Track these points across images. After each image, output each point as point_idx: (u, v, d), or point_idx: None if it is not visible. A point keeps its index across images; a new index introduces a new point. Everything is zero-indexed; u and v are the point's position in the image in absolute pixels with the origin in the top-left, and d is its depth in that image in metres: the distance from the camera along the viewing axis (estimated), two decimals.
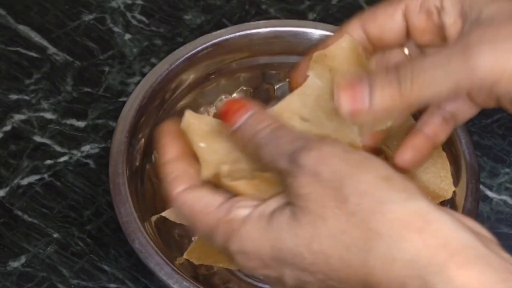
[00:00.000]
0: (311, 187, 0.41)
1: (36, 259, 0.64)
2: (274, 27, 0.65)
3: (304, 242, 0.41)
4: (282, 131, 0.44)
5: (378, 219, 0.39)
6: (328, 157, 0.41)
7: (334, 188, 0.40)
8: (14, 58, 0.74)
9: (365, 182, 0.40)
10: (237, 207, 0.44)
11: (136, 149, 0.61)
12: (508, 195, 0.69)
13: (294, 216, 0.42)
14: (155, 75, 0.63)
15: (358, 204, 0.40)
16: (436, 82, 0.44)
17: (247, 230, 0.43)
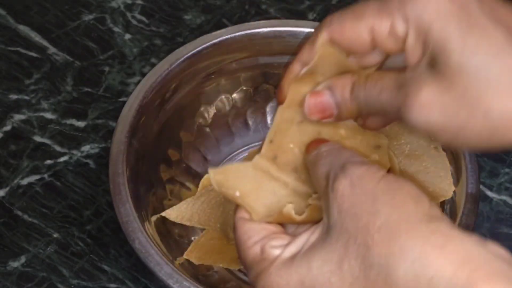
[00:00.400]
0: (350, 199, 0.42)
1: (36, 259, 0.64)
2: (274, 27, 0.65)
3: (335, 265, 0.42)
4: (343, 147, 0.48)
5: (402, 236, 0.40)
6: (369, 176, 0.43)
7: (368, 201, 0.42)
8: (14, 58, 0.74)
9: (397, 199, 0.42)
10: (269, 247, 0.45)
11: (136, 149, 0.61)
12: (508, 195, 0.69)
13: (329, 238, 0.43)
14: (155, 75, 0.63)
15: (386, 220, 0.41)
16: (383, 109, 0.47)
17: (276, 268, 0.44)
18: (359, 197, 0.42)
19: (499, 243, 0.67)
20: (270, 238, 0.46)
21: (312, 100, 0.49)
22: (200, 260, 0.61)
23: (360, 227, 0.41)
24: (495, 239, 0.67)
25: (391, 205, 0.41)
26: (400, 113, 0.45)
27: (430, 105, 0.44)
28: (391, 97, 0.46)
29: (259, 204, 0.48)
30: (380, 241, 0.40)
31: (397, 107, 0.45)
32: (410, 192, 0.42)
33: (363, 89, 0.48)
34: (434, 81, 0.44)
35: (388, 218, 0.41)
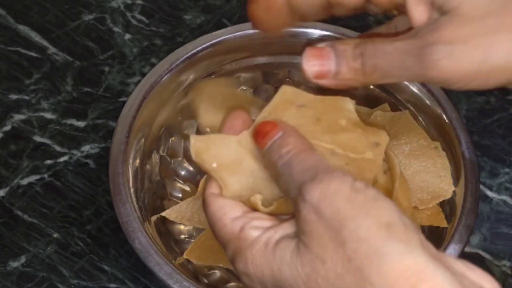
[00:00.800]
0: (313, 225, 0.41)
1: (36, 259, 0.64)
2: None
3: (302, 279, 0.41)
4: (299, 158, 0.44)
5: (373, 270, 0.38)
6: (333, 195, 0.41)
7: (334, 229, 0.40)
8: (14, 58, 0.74)
9: (365, 227, 0.39)
10: (249, 227, 0.44)
11: (136, 149, 0.61)
12: (508, 195, 0.69)
13: (297, 251, 0.42)
14: (155, 75, 0.63)
15: (355, 250, 0.39)
16: (394, 73, 0.45)
17: (252, 254, 0.43)
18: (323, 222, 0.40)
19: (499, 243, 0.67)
20: (251, 217, 0.45)
21: (311, 50, 0.47)
22: (200, 260, 0.61)
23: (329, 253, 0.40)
24: (495, 239, 0.67)
25: (358, 236, 0.39)
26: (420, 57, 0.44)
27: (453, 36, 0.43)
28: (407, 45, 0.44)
29: (234, 181, 0.47)
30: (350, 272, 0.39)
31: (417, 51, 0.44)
32: (379, 217, 0.40)
33: (371, 44, 0.46)
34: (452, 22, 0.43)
35: (356, 250, 0.39)
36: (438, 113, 0.62)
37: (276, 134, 0.46)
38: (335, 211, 0.40)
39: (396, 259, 0.38)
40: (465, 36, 0.43)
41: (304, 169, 0.43)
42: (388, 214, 0.40)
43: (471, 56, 0.43)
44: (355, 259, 0.39)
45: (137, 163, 0.61)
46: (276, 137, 0.45)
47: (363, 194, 0.41)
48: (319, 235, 0.40)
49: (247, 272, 0.44)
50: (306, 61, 0.47)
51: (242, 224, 0.45)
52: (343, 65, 0.46)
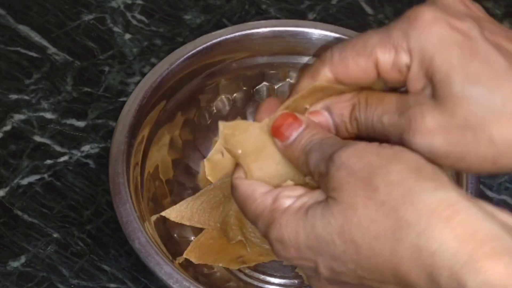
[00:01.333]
0: (344, 179, 0.42)
1: (36, 259, 0.64)
2: (274, 27, 0.65)
3: (336, 230, 0.42)
4: (328, 139, 0.46)
5: (407, 208, 0.40)
6: (361, 152, 0.43)
7: (365, 178, 0.42)
8: (14, 58, 0.74)
9: (395, 172, 0.41)
10: (281, 197, 0.45)
11: (136, 149, 0.61)
12: (508, 195, 0.69)
13: (327, 206, 0.43)
14: (155, 75, 0.63)
15: (388, 193, 0.41)
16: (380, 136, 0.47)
17: (286, 220, 0.44)
18: (354, 175, 0.42)
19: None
20: (281, 189, 0.46)
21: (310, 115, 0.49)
22: (200, 260, 0.61)
23: (361, 201, 0.41)
24: None
25: (389, 181, 0.41)
26: (402, 138, 0.45)
27: (434, 132, 0.44)
28: (393, 121, 0.46)
29: (257, 167, 0.48)
30: (385, 214, 0.40)
31: (400, 131, 0.45)
32: (408, 163, 0.42)
33: (363, 111, 0.48)
34: (437, 108, 0.44)
35: (390, 193, 0.41)
36: None
37: (300, 126, 0.47)
38: (365, 163, 0.42)
39: (429, 195, 0.40)
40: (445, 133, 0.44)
41: (334, 143, 0.45)
42: (416, 160, 0.43)
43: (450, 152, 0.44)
44: (388, 202, 0.40)
45: (137, 163, 0.61)
46: (301, 129, 0.47)
47: (389, 148, 0.43)
48: (351, 186, 0.42)
49: (282, 238, 0.44)
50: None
51: (274, 196, 0.46)
52: (343, 131, 0.49)
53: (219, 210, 0.61)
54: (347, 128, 0.48)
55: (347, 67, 0.48)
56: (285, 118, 0.48)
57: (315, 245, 0.43)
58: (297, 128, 0.47)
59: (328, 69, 0.49)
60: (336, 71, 0.48)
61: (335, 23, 0.64)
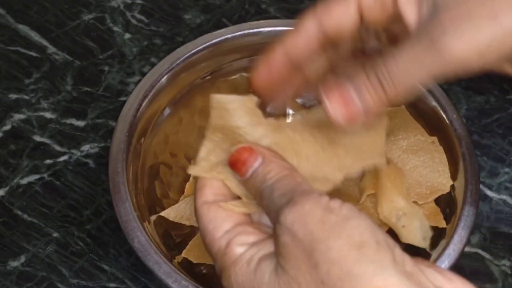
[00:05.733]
0: (288, 247, 0.41)
1: (36, 259, 0.64)
2: (274, 27, 0.65)
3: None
4: (279, 184, 0.44)
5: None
6: (306, 216, 0.41)
7: (307, 251, 0.40)
8: (13, 57, 0.74)
9: (336, 249, 0.40)
10: (234, 243, 0.45)
11: (136, 148, 0.61)
12: (508, 195, 0.69)
13: (275, 273, 0.42)
14: (155, 74, 0.63)
15: (327, 272, 0.39)
16: (414, 77, 0.44)
17: (235, 272, 0.44)
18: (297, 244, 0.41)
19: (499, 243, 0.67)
20: (237, 232, 0.45)
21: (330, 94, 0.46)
22: (199, 259, 0.61)
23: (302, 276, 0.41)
24: (495, 239, 0.67)
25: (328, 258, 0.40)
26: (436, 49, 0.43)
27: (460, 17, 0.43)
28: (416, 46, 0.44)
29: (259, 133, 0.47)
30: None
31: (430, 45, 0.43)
32: (351, 237, 0.40)
33: (382, 63, 0.45)
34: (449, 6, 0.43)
35: (329, 272, 0.39)
36: (439, 113, 0.62)
37: (255, 161, 0.46)
38: (307, 233, 0.41)
39: (367, 280, 0.38)
40: (467, 12, 0.43)
41: (283, 193, 0.43)
42: (359, 233, 0.40)
43: (481, 28, 0.43)
44: (328, 282, 0.39)
45: (137, 162, 0.61)
46: (256, 165, 0.46)
47: (336, 214, 0.41)
48: (294, 257, 0.41)
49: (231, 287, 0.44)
50: (331, 109, 0.45)
51: (228, 239, 0.45)
52: (367, 97, 0.45)
53: None
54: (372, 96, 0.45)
55: (330, 11, 0.48)
56: (240, 153, 0.46)
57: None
58: (252, 164, 0.46)
59: (311, 18, 0.48)
60: (319, 19, 0.48)
61: None
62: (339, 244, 0.40)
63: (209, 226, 0.46)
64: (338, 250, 0.39)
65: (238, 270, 0.44)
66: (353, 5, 0.48)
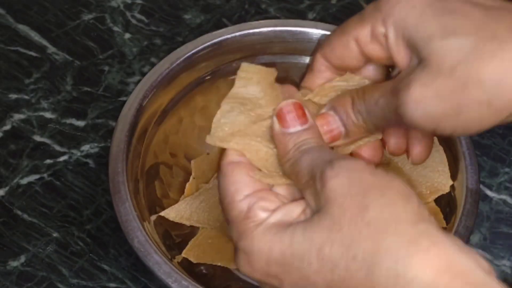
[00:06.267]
0: (339, 189, 0.42)
1: (36, 259, 0.64)
2: (274, 27, 0.65)
3: (316, 247, 0.42)
4: (327, 147, 0.47)
5: (390, 234, 0.40)
6: (360, 167, 0.43)
7: (359, 193, 0.42)
8: (13, 57, 0.74)
9: (388, 196, 0.41)
10: (257, 207, 0.45)
11: (136, 148, 0.61)
12: (508, 195, 0.69)
13: (311, 222, 0.42)
14: (155, 74, 0.63)
15: (376, 215, 0.41)
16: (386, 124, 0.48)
17: (260, 233, 0.44)
18: (348, 189, 0.42)
19: (499, 243, 0.67)
20: (259, 197, 0.45)
21: (319, 122, 0.49)
22: (199, 259, 0.61)
23: (348, 218, 0.41)
24: (495, 239, 0.67)
25: (381, 202, 0.41)
26: (399, 115, 0.45)
27: (423, 96, 0.44)
28: (388, 101, 0.46)
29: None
30: (368, 236, 0.40)
31: (395, 110, 0.46)
32: (400, 190, 0.42)
33: (362, 102, 0.48)
34: (423, 72, 0.44)
35: (378, 215, 0.41)
36: None
37: (305, 123, 0.47)
38: (362, 179, 0.42)
39: (412, 225, 0.40)
40: (435, 93, 0.44)
41: (333, 152, 0.46)
42: (406, 189, 0.43)
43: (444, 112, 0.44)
44: (374, 224, 0.40)
45: (137, 162, 0.61)
46: (305, 126, 0.47)
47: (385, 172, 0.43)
48: (342, 200, 0.42)
49: (251, 250, 0.44)
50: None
51: (250, 203, 0.45)
52: (350, 125, 0.49)
53: (218, 209, 0.61)
54: (353, 122, 0.49)
55: (333, 46, 0.50)
56: (296, 108, 0.48)
57: (287, 262, 0.42)
58: (302, 124, 0.47)
59: (320, 54, 0.51)
60: (325, 55, 0.51)
61: (335, 22, 0.64)
62: (391, 192, 0.42)
63: (231, 188, 0.46)
64: (390, 197, 0.42)
65: (265, 231, 0.44)
66: (352, 41, 0.49)
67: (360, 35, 0.48)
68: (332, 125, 0.49)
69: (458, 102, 0.44)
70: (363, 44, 0.49)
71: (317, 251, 0.41)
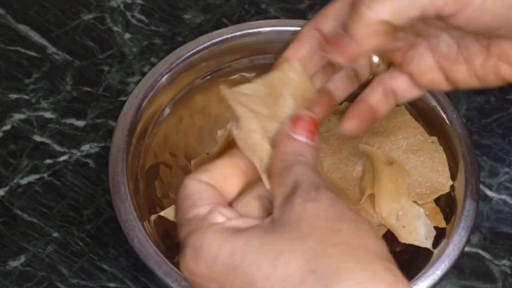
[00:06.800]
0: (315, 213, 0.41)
1: (36, 259, 0.64)
2: (274, 27, 0.65)
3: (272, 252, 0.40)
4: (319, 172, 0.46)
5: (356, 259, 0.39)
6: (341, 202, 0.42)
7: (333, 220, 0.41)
8: (13, 57, 0.74)
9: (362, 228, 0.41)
10: (217, 212, 0.44)
11: (136, 148, 0.61)
12: (508, 195, 0.69)
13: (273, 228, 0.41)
14: (155, 74, 0.63)
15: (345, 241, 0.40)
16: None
17: (215, 229, 0.42)
18: (325, 214, 0.41)
19: (499, 243, 0.67)
20: (221, 206, 0.44)
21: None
22: None
23: (316, 236, 0.40)
24: (495, 239, 0.67)
25: (354, 231, 0.40)
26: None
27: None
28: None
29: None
30: (333, 255, 0.39)
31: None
32: (373, 230, 0.41)
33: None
34: None
35: (348, 240, 0.40)
36: (439, 113, 0.62)
37: (312, 140, 0.46)
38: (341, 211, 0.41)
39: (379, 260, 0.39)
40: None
41: (322, 180, 0.44)
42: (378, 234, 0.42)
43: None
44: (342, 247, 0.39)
45: (137, 162, 0.61)
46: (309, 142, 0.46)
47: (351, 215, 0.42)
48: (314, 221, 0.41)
49: (200, 245, 0.42)
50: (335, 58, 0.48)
51: (210, 208, 0.44)
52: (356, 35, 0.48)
53: None
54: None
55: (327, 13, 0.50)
56: (311, 123, 0.47)
57: (236, 263, 0.41)
58: (308, 139, 0.46)
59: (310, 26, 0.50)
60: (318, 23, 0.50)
61: None
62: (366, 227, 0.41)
63: (195, 195, 0.45)
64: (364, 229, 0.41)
65: (220, 230, 0.42)
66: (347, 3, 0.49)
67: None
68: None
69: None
70: None
71: (273, 258, 0.40)
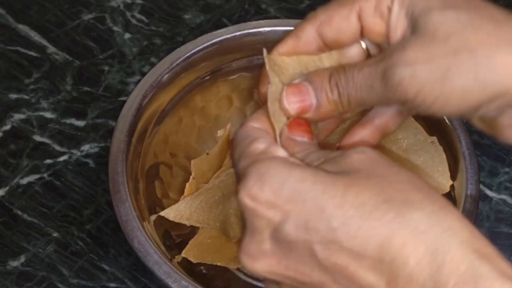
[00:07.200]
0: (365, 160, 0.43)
1: (36, 259, 0.64)
2: (274, 27, 0.65)
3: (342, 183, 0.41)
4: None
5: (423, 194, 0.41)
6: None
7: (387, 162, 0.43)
8: (13, 57, 0.74)
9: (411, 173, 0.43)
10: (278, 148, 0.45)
11: (136, 148, 0.61)
12: (508, 195, 0.69)
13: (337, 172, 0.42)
14: (155, 74, 0.63)
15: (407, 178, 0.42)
16: (366, 100, 0.46)
17: (279, 160, 0.43)
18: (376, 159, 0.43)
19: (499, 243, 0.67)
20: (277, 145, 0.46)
21: (289, 89, 0.48)
22: (198, 259, 0.61)
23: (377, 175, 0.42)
24: (495, 239, 0.67)
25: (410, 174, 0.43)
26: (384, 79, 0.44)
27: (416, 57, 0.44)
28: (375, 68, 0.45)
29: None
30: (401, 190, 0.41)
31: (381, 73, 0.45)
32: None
33: (342, 74, 0.47)
34: (418, 38, 0.44)
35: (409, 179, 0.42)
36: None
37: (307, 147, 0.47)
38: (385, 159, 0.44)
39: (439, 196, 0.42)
40: (427, 57, 0.44)
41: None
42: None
43: (432, 77, 0.44)
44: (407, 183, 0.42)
45: (137, 162, 0.61)
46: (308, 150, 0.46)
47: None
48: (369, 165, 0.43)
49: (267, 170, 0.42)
50: (286, 100, 0.48)
51: (269, 142, 0.45)
52: (323, 98, 0.47)
53: (218, 209, 0.61)
54: (327, 96, 0.47)
55: (330, 19, 0.49)
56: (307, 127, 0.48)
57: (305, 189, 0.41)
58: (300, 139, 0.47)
59: (311, 25, 0.49)
60: (319, 26, 0.49)
61: None
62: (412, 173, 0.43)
63: (254, 134, 0.46)
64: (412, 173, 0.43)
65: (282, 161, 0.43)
66: (354, 13, 0.48)
67: (365, 7, 0.47)
68: (304, 95, 0.47)
69: (448, 65, 0.43)
70: (365, 16, 0.48)
71: (343, 189, 0.41)
